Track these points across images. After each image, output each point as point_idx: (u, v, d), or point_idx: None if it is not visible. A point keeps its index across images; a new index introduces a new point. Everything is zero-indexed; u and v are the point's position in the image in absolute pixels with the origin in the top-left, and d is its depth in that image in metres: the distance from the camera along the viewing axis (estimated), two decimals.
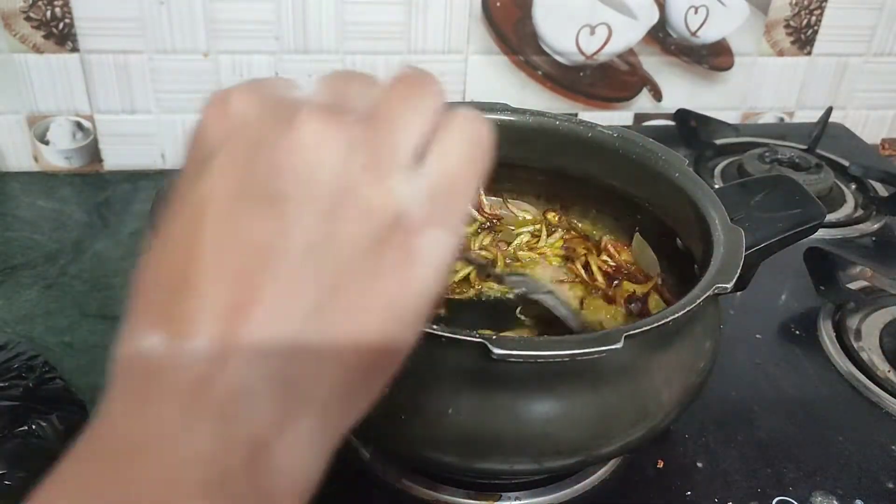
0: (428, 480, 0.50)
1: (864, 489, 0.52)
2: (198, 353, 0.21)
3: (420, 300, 0.24)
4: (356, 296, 0.22)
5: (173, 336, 0.21)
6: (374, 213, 0.23)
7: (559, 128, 0.58)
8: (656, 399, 0.43)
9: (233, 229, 0.22)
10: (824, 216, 0.51)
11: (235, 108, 0.23)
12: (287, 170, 0.22)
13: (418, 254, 0.23)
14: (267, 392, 0.21)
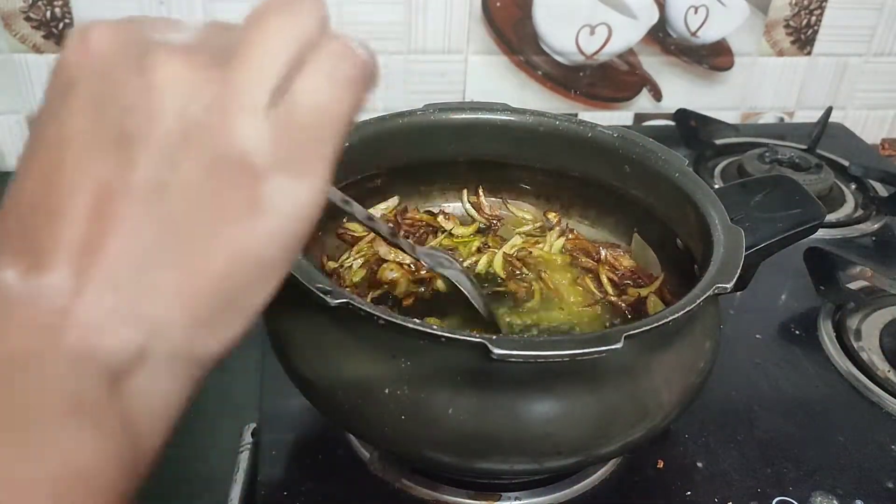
0: (428, 480, 0.50)
1: (864, 489, 0.52)
2: (52, 287, 0.22)
3: (270, 250, 0.24)
4: (200, 238, 0.23)
5: (28, 270, 0.22)
6: (217, 155, 0.23)
7: (559, 128, 0.58)
8: (656, 399, 0.43)
9: (84, 169, 0.22)
10: (824, 216, 0.51)
11: (95, 45, 0.23)
12: (136, 110, 0.22)
13: (266, 202, 0.23)
14: (121, 324, 0.22)
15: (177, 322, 0.23)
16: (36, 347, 0.22)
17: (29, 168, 0.24)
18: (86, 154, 0.22)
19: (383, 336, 0.40)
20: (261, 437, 0.53)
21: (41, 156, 0.23)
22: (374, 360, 0.41)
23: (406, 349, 0.40)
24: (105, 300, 0.22)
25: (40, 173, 0.23)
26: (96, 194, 0.22)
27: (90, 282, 0.22)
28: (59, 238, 0.22)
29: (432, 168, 0.61)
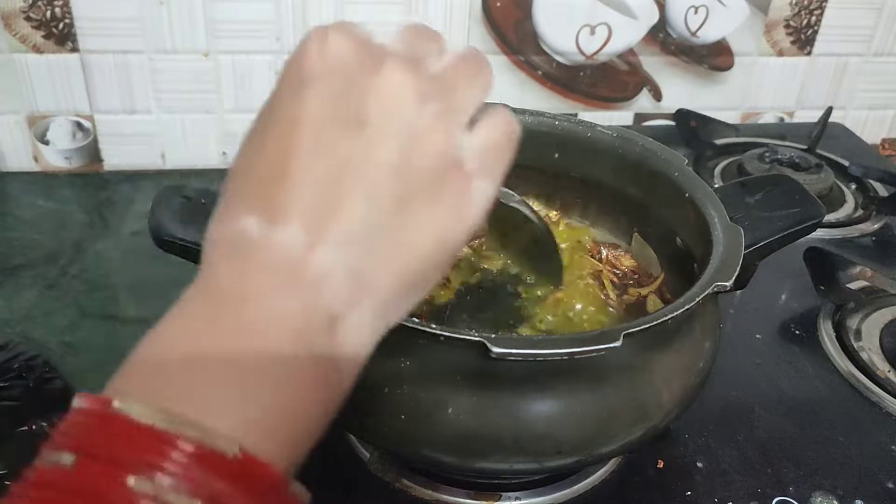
0: (428, 480, 0.50)
1: (864, 489, 0.52)
2: (289, 238, 0.26)
3: (463, 233, 0.29)
4: (419, 215, 0.27)
5: (268, 220, 0.26)
6: (441, 153, 0.28)
7: (559, 128, 0.58)
8: (656, 399, 0.43)
9: (324, 141, 0.26)
10: (823, 215, 0.51)
11: (333, 48, 0.28)
12: (373, 104, 0.27)
13: (469, 195, 0.29)
14: (343, 276, 0.26)
15: (386, 286, 0.27)
16: (272, 284, 0.25)
17: (264, 139, 0.27)
18: (324, 130, 0.26)
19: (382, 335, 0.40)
20: None
21: (277, 130, 0.27)
22: (374, 359, 0.41)
23: (405, 348, 0.40)
24: (333, 255, 0.26)
25: (277, 143, 0.27)
26: (334, 163, 0.26)
27: (322, 238, 0.26)
28: (296, 196, 0.26)
29: None
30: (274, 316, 0.25)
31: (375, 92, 0.27)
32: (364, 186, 0.26)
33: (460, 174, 0.28)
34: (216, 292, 0.26)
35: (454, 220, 0.28)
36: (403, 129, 0.27)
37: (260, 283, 0.25)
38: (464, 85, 0.30)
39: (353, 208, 0.26)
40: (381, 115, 0.27)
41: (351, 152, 0.26)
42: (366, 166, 0.26)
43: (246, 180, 0.27)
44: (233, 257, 0.26)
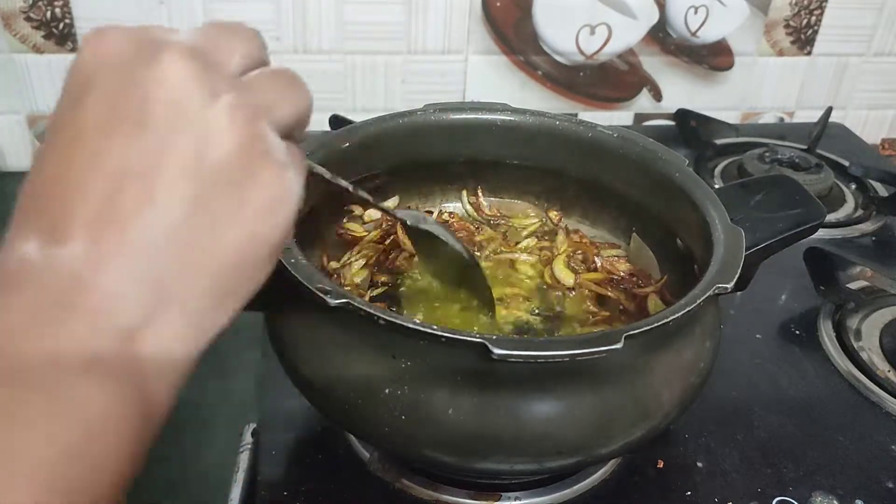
0: (428, 480, 0.50)
1: (864, 489, 0.52)
2: (70, 257, 0.24)
3: (278, 229, 0.27)
4: (222, 214, 0.25)
5: (48, 242, 0.24)
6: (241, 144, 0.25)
7: (559, 128, 0.58)
8: (656, 399, 0.43)
9: (103, 150, 0.24)
10: (824, 216, 0.51)
11: (108, 44, 0.25)
12: (153, 99, 0.24)
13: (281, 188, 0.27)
14: (134, 291, 0.24)
15: (194, 292, 0.25)
16: (54, 310, 0.23)
17: (47, 152, 0.25)
18: (103, 137, 0.24)
19: (383, 336, 0.40)
20: (261, 437, 0.53)
21: (59, 141, 0.25)
22: (374, 360, 0.41)
23: (406, 349, 0.40)
24: (121, 267, 0.24)
25: (59, 155, 0.25)
26: (115, 172, 0.24)
27: (108, 251, 0.24)
28: (77, 211, 0.24)
29: (432, 168, 0.61)
30: (56, 345, 0.23)
31: (155, 85, 0.24)
32: (150, 193, 0.24)
33: (273, 168, 0.26)
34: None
35: (265, 215, 0.26)
36: (192, 123, 0.25)
37: (37, 312, 0.23)
38: (271, 91, 0.28)
39: (141, 218, 0.24)
40: (163, 110, 0.24)
41: (133, 157, 0.24)
42: (150, 171, 0.24)
43: (29, 201, 0.25)
44: (11, 290, 0.24)
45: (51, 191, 0.25)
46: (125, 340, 0.24)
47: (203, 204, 0.25)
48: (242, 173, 0.25)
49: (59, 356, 0.23)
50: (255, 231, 0.26)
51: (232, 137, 0.25)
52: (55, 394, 0.22)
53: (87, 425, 0.23)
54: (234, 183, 0.25)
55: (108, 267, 0.24)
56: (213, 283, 0.26)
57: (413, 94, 0.90)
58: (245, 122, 0.26)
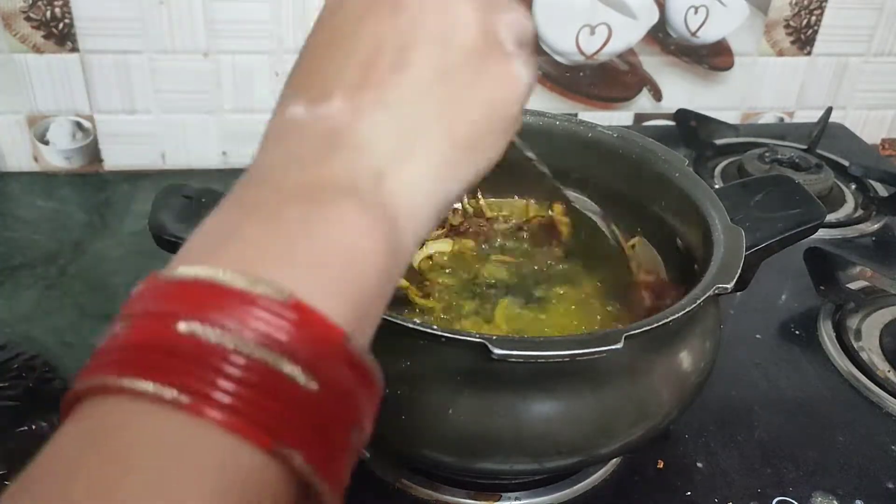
0: (428, 480, 0.50)
1: (864, 489, 0.52)
2: (331, 113, 0.27)
3: (513, 102, 0.30)
4: (465, 85, 0.28)
5: (312, 102, 0.27)
6: (482, 31, 0.29)
7: (559, 128, 0.58)
8: (656, 399, 0.43)
9: (363, 25, 0.28)
10: (824, 216, 0.51)
11: None
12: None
13: (513, 73, 0.30)
14: (390, 136, 0.27)
15: (439, 145, 0.28)
16: (315, 153, 0.26)
17: (316, 31, 0.29)
18: (362, 16, 0.28)
19: (383, 336, 0.40)
20: None
21: (320, 25, 0.29)
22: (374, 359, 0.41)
23: (406, 349, 0.40)
24: (376, 117, 0.27)
25: (326, 33, 0.29)
26: (370, 44, 0.27)
27: (364, 105, 0.27)
28: (339, 76, 0.27)
29: None
30: (318, 180, 0.25)
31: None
32: (403, 60, 0.27)
33: (502, 52, 0.29)
34: (259, 173, 0.26)
35: (501, 90, 0.29)
36: (440, 9, 0.28)
37: (302, 155, 0.26)
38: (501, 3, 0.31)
39: (393, 80, 0.27)
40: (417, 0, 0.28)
41: (388, 32, 0.28)
42: (405, 42, 0.28)
43: (294, 75, 0.29)
44: (277, 142, 0.27)
45: (317, 62, 0.28)
46: (378, 178, 0.26)
47: (448, 74, 0.28)
48: (480, 55, 0.29)
49: (317, 185, 0.25)
50: (490, 102, 0.29)
51: (472, 25, 0.29)
52: (315, 213, 0.24)
53: (342, 248, 0.24)
54: (474, 61, 0.28)
55: (364, 117, 0.27)
56: (453, 141, 0.28)
57: None
58: (483, 15, 0.29)
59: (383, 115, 0.27)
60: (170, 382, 0.20)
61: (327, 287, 0.23)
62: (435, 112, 0.28)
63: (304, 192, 0.25)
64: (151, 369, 0.20)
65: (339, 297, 0.23)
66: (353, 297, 0.24)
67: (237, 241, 0.24)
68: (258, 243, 0.23)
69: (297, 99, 0.28)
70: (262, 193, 0.25)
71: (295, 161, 0.26)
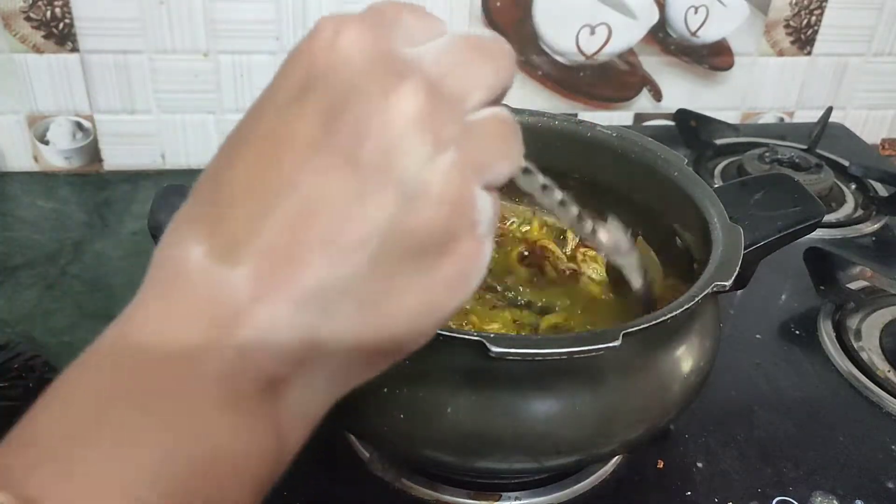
0: (428, 480, 0.50)
1: (864, 489, 0.52)
2: (236, 282, 0.22)
3: (458, 303, 0.25)
4: (407, 281, 0.23)
5: (219, 257, 0.22)
6: (451, 214, 0.23)
7: (559, 128, 0.58)
8: (656, 399, 0.43)
9: (306, 174, 0.22)
10: (823, 214, 0.51)
11: (344, 44, 0.23)
12: (376, 133, 0.22)
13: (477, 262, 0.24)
14: (291, 339, 0.22)
15: (348, 353, 0.23)
16: (207, 337, 0.22)
17: (241, 152, 0.23)
18: (311, 162, 0.22)
19: None
20: None
21: (261, 146, 0.23)
22: None
23: None
24: (282, 310, 0.22)
25: (255, 164, 0.23)
26: (307, 205, 0.22)
27: (274, 288, 0.22)
28: (256, 237, 0.22)
29: None
30: (200, 374, 0.22)
31: (381, 121, 0.22)
32: (336, 239, 0.22)
33: (470, 240, 0.24)
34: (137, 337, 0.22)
35: (452, 289, 0.24)
36: (405, 178, 0.22)
37: (190, 334, 0.22)
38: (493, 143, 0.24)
39: (318, 263, 0.22)
40: (379, 155, 0.22)
41: (331, 197, 0.22)
42: (345, 216, 0.22)
43: (208, 197, 0.23)
44: (166, 293, 0.23)
45: (234, 197, 0.23)
46: (269, 384, 0.23)
47: (389, 265, 0.22)
48: (440, 241, 0.23)
49: (203, 387, 0.22)
50: (435, 302, 0.24)
51: (441, 203, 0.23)
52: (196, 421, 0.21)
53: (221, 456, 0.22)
54: (429, 250, 0.23)
55: (269, 306, 0.22)
56: (369, 345, 0.24)
57: None
58: (459, 186, 0.23)
59: (294, 310, 0.22)
60: None
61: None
62: (358, 317, 0.23)
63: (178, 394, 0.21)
64: None
65: None
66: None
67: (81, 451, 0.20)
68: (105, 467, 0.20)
69: (201, 235, 0.23)
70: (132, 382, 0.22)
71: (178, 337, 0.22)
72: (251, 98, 0.94)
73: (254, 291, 0.22)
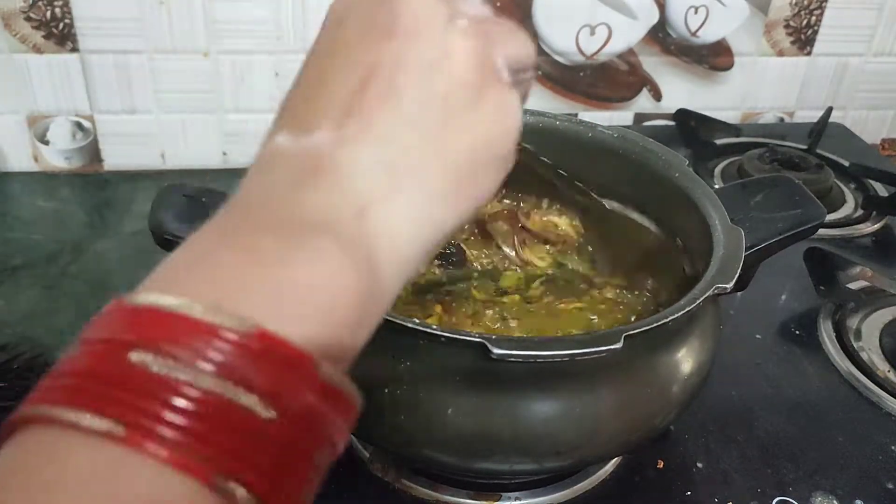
0: (428, 480, 0.50)
1: (864, 489, 0.52)
2: (317, 141, 0.26)
3: (507, 137, 0.29)
4: (458, 117, 0.27)
5: (298, 130, 0.26)
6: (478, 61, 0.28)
7: (559, 128, 0.58)
8: (656, 400, 0.43)
9: (355, 56, 0.27)
10: (824, 216, 0.51)
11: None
12: (402, 14, 0.27)
13: (509, 106, 0.29)
14: (375, 168, 0.26)
15: (428, 179, 0.27)
16: (296, 181, 0.25)
17: (303, 71, 0.28)
18: (355, 47, 0.27)
19: (382, 336, 0.40)
20: None
21: (314, 60, 0.28)
22: (374, 359, 0.41)
23: (405, 349, 0.40)
24: (361, 150, 0.26)
25: (317, 63, 0.28)
26: (361, 73, 0.27)
27: (350, 136, 0.26)
28: (327, 105, 0.26)
29: None
30: (296, 212, 0.25)
31: (405, 4, 0.27)
32: (392, 90, 0.26)
33: (499, 87, 0.28)
34: (240, 202, 0.26)
35: (492, 124, 0.28)
36: (434, 37, 0.27)
37: (284, 185, 0.25)
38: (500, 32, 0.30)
39: (382, 110, 0.26)
40: (410, 24, 0.27)
41: (380, 60, 0.27)
42: (394, 72, 0.27)
43: (286, 101, 0.28)
44: (261, 171, 0.27)
45: (307, 89, 0.28)
46: (359, 214, 0.25)
47: (439, 105, 0.27)
48: (474, 85, 0.28)
49: (295, 218, 0.25)
50: (484, 135, 0.28)
51: (467, 55, 0.27)
52: (290, 246, 0.24)
53: (314, 282, 0.23)
54: (468, 91, 0.27)
55: (349, 148, 0.26)
56: (444, 176, 0.27)
57: None
58: (479, 44, 0.28)
59: (369, 148, 0.26)
60: (108, 414, 0.19)
61: (296, 317, 0.23)
62: (425, 145, 0.27)
63: (281, 224, 0.24)
64: (93, 399, 0.20)
65: (308, 327, 0.23)
66: (326, 329, 0.23)
67: (207, 267, 0.23)
68: (228, 271, 0.23)
69: (284, 127, 0.27)
70: (240, 222, 0.25)
71: (276, 191, 0.25)
72: (251, 98, 0.94)
73: (333, 142, 0.26)
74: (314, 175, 0.25)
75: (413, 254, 0.27)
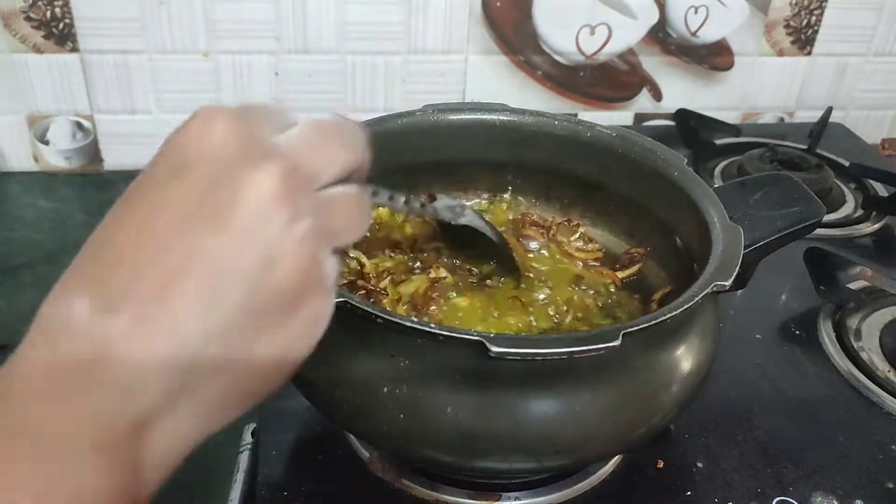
0: (428, 480, 0.50)
1: (864, 489, 0.51)
2: (116, 329, 0.24)
3: (307, 351, 0.29)
4: (266, 331, 0.26)
5: (102, 308, 0.24)
6: (303, 273, 0.27)
7: (559, 128, 0.58)
8: (655, 398, 0.43)
9: (178, 237, 0.25)
10: (823, 214, 0.50)
11: (218, 133, 0.26)
12: (241, 205, 0.25)
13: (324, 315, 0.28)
14: (160, 382, 0.25)
15: (212, 396, 0.26)
16: (80, 377, 0.24)
17: (122, 221, 0.26)
18: (182, 225, 0.25)
19: (381, 335, 0.40)
20: (261, 437, 0.53)
21: (141, 215, 0.26)
22: (373, 359, 0.41)
23: (404, 348, 0.40)
24: (156, 353, 0.24)
25: (136, 231, 0.25)
26: (180, 262, 0.25)
27: (150, 333, 0.24)
28: (136, 287, 0.24)
29: (432, 169, 0.61)
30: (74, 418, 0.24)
31: (245, 193, 0.25)
32: (208, 290, 0.25)
33: (320, 295, 0.28)
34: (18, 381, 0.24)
35: (302, 335, 0.28)
36: (266, 240, 0.26)
37: (66, 378, 0.24)
38: (343, 215, 0.29)
39: (191, 311, 0.25)
40: (245, 219, 0.25)
41: (203, 253, 0.25)
42: (215, 270, 0.25)
43: (92, 261, 0.26)
44: (46, 342, 0.25)
45: (115, 257, 0.25)
46: (137, 426, 0.25)
47: (252, 315, 0.26)
48: (294, 295, 0.27)
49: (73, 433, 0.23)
50: (290, 347, 0.28)
51: (297, 263, 0.26)
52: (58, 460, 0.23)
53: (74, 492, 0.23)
54: (285, 303, 0.27)
55: (144, 349, 0.24)
56: (235, 387, 0.27)
57: (413, 94, 0.90)
58: (312, 250, 0.27)
59: (164, 350, 0.24)
60: None
61: None
62: (222, 359, 0.26)
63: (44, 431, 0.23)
64: None
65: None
66: None
67: None
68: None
69: (85, 292, 0.25)
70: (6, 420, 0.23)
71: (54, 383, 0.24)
72: (251, 98, 0.94)
73: (131, 336, 0.24)
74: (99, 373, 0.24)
75: (178, 459, 0.27)
